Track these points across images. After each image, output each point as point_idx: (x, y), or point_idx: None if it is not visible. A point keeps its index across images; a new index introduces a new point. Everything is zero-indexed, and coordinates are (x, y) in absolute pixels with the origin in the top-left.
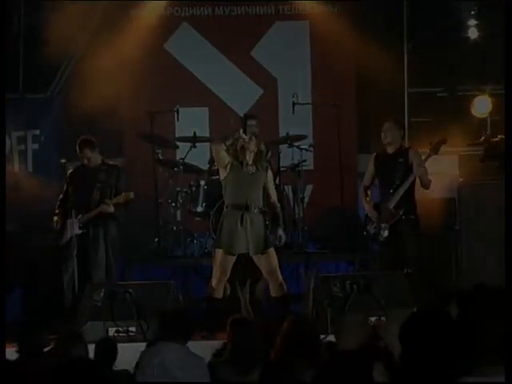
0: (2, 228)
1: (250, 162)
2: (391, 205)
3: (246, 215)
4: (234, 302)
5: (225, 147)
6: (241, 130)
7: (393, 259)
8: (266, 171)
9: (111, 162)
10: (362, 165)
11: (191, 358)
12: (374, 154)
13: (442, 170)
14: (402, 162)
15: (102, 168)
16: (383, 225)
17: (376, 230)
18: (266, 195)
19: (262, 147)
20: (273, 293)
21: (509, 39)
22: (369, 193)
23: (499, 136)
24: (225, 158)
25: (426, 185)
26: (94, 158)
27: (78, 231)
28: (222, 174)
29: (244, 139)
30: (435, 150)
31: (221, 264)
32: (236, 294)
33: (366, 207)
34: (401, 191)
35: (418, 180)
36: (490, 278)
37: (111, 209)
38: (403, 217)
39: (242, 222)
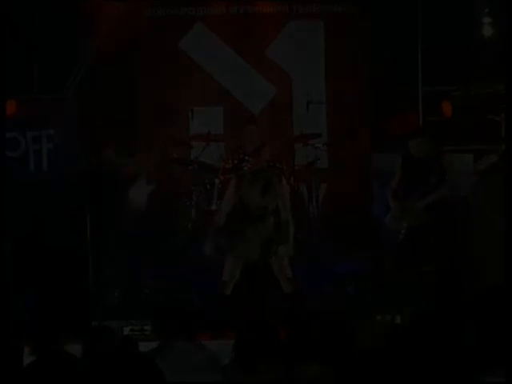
0: (3, 229)
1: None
2: (421, 206)
3: (257, 221)
4: (245, 301)
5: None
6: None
7: (411, 257)
8: (280, 181)
9: None
10: (376, 164)
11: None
12: (401, 156)
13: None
14: (436, 165)
15: None
16: (405, 224)
17: (398, 228)
18: (277, 210)
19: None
20: (284, 289)
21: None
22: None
23: None
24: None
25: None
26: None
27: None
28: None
29: (250, 160)
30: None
31: (231, 265)
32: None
33: (393, 206)
34: (436, 195)
35: None
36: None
37: None
38: (432, 218)
39: (252, 227)
